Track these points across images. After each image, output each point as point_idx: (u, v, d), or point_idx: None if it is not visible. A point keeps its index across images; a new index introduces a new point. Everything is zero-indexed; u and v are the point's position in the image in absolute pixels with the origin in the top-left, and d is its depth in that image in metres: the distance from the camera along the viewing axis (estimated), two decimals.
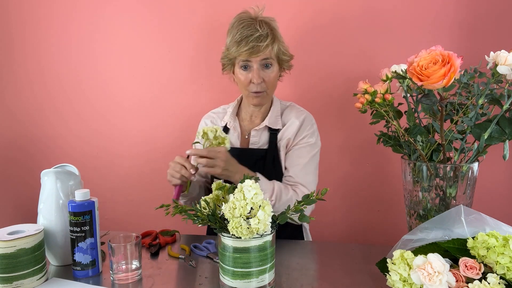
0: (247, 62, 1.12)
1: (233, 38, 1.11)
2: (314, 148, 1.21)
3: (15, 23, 1.57)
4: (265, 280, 0.78)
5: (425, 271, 0.65)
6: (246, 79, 1.14)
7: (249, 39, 1.07)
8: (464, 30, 1.33)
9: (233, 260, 0.76)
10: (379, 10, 1.36)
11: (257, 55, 1.09)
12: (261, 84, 1.13)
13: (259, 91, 1.14)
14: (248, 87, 1.15)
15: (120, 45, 1.53)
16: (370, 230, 1.49)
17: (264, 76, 1.13)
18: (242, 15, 1.14)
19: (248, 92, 1.16)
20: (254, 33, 1.08)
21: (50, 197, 0.93)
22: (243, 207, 0.72)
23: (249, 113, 1.26)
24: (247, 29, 1.09)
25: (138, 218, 1.60)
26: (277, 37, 1.13)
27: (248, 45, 1.07)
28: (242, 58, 1.12)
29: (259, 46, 1.07)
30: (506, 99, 0.82)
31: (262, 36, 1.08)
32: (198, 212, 0.82)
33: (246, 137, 1.25)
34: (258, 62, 1.11)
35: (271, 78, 1.15)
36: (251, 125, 1.26)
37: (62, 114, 1.60)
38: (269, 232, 0.77)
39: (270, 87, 1.17)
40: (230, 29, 1.14)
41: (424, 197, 0.91)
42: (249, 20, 1.11)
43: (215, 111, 1.33)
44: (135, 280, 0.87)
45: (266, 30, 1.09)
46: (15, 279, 0.81)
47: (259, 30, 1.08)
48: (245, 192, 0.73)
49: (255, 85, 1.13)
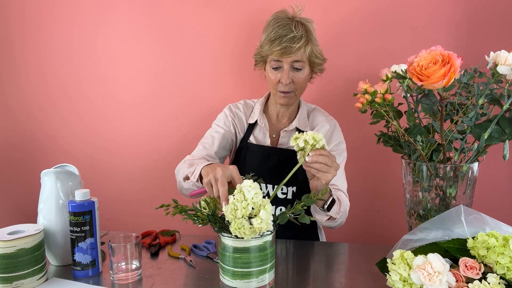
0: (278, 62, 1.11)
1: (268, 36, 1.10)
2: (344, 154, 1.24)
3: (16, 23, 1.57)
4: (265, 280, 0.78)
5: (425, 271, 0.65)
6: (275, 78, 1.13)
7: (282, 39, 1.07)
8: (464, 30, 1.33)
9: (233, 260, 0.76)
10: (379, 10, 1.36)
11: (288, 55, 1.08)
12: (290, 85, 1.12)
13: (287, 91, 1.13)
14: (277, 86, 1.14)
15: (120, 45, 1.53)
16: (370, 230, 1.49)
17: (294, 77, 1.12)
18: (280, 14, 1.13)
19: (276, 91, 1.15)
20: (289, 33, 1.07)
21: (50, 197, 0.93)
22: (244, 208, 0.72)
23: (275, 112, 1.25)
24: (282, 29, 1.08)
25: (138, 218, 1.60)
26: (312, 39, 1.12)
27: (281, 45, 1.07)
28: (273, 57, 1.11)
29: (292, 48, 1.07)
30: (506, 99, 0.82)
31: (296, 37, 1.07)
32: (198, 212, 0.82)
33: (274, 136, 1.25)
34: (289, 63, 1.10)
35: (300, 80, 1.14)
36: (278, 124, 1.26)
37: (62, 114, 1.60)
38: (270, 232, 0.77)
39: (299, 89, 1.16)
40: (266, 26, 1.13)
41: (424, 197, 0.91)
42: (286, 20, 1.10)
43: (242, 102, 1.30)
44: (135, 280, 0.87)
45: (301, 32, 1.08)
46: (15, 279, 0.81)
47: (294, 31, 1.07)
48: (245, 192, 0.73)
49: (284, 85, 1.12)
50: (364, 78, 0.93)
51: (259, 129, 1.25)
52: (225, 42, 1.46)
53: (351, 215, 1.47)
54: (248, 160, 1.23)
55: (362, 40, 1.39)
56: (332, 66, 1.41)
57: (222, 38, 1.46)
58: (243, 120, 1.27)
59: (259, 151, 1.22)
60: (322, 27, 1.40)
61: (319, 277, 0.89)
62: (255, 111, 1.26)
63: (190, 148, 1.52)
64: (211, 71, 1.49)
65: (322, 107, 1.35)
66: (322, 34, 1.40)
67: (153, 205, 1.45)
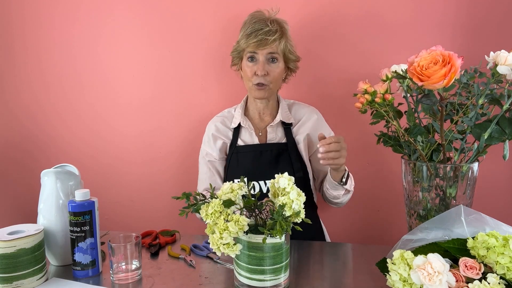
0: (254, 54, 1.16)
1: (244, 32, 1.16)
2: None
3: (16, 23, 1.57)
4: (280, 279, 0.78)
5: (425, 271, 0.65)
6: (251, 70, 1.17)
7: (258, 32, 1.13)
8: (464, 30, 1.33)
9: (247, 257, 0.77)
10: (379, 10, 1.36)
11: (264, 47, 1.14)
12: (265, 77, 1.16)
13: (262, 83, 1.16)
14: (252, 79, 1.18)
15: (121, 46, 1.53)
16: (370, 230, 1.48)
17: (269, 70, 1.16)
18: (256, 13, 1.19)
19: (252, 84, 1.18)
20: (264, 27, 1.13)
21: (50, 197, 0.93)
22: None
23: (257, 111, 1.29)
24: (258, 24, 1.15)
25: (138, 218, 1.59)
26: (286, 34, 1.18)
27: (257, 37, 1.12)
28: (249, 50, 1.16)
29: (267, 40, 1.12)
30: (506, 99, 0.82)
31: (272, 31, 1.13)
32: None
33: (260, 134, 1.27)
34: (264, 55, 1.15)
35: (275, 73, 1.18)
36: (261, 123, 1.29)
37: (62, 114, 1.60)
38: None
39: (274, 82, 1.19)
40: (243, 25, 1.19)
41: (424, 197, 0.91)
42: (262, 18, 1.17)
43: (220, 115, 1.35)
44: (135, 280, 0.87)
45: (276, 27, 1.15)
46: (15, 279, 0.81)
47: (269, 26, 1.14)
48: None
49: (259, 77, 1.16)
50: (364, 79, 0.93)
51: (244, 131, 1.28)
52: (225, 43, 1.46)
53: (351, 215, 1.47)
54: (241, 162, 1.24)
55: (362, 41, 1.39)
56: (331, 66, 1.42)
57: (222, 39, 1.46)
58: (227, 129, 1.30)
59: (250, 151, 1.23)
60: (322, 28, 1.40)
61: (319, 277, 0.89)
62: (236, 115, 1.30)
63: (190, 148, 1.52)
64: (210, 72, 1.49)
65: (322, 107, 1.35)
66: (321, 35, 1.40)
67: (153, 206, 1.46)
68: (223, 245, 0.73)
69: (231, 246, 0.74)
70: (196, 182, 1.35)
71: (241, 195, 0.80)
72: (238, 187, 0.79)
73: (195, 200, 0.81)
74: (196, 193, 0.81)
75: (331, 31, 1.40)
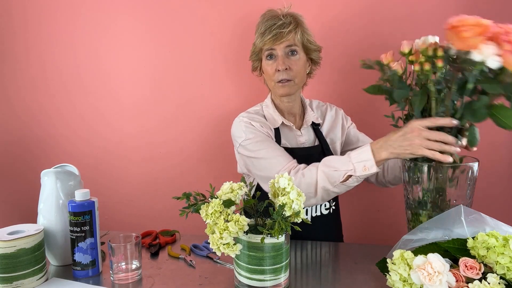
0: (272, 51, 1.11)
1: (259, 31, 1.12)
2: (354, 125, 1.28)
3: (18, 23, 1.57)
4: (280, 279, 0.79)
5: (425, 271, 0.65)
6: (272, 68, 1.11)
7: (272, 28, 1.08)
8: None
9: (247, 257, 0.77)
10: (381, 7, 1.36)
11: (280, 41, 1.08)
12: (287, 71, 1.10)
13: (285, 78, 1.10)
14: (274, 77, 1.11)
15: (123, 45, 1.52)
16: (370, 230, 1.48)
17: (290, 64, 1.10)
18: (267, 12, 1.15)
19: (275, 82, 1.12)
20: (278, 22, 1.08)
21: (50, 197, 0.93)
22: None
23: (286, 111, 1.21)
24: (271, 21, 1.10)
25: (138, 218, 1.59)
26: (301, 25, 1.12)
27: (272, 32, 1.07)
28: (266, 47, 1.11)
29: (282, 33, 1.07)
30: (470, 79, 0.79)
31: (285, 23, 1.08)
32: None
33: (300, 134, 1.20)
34: (283, 50, 1.10)
35: (298, 67, 1.11)
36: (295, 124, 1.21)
37: (63, 114, 1.60)
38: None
39: (298, 76, 1.12)
40: (256, 27, 1.15)
41: (424, 197, 0.91)
42: (274, 15, 1.12)
43: (246, 115, 1.18)
44: (135, 280, 0.87)
45: (289, 19, 1.09)
46: (15, 279, 0.81)
47: (283, 19, 1.09)
48: None
49: (281, 73, 1.10)
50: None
51: (288, 130, 1.19)
52: (225, 42, 1.46)
53: (351, 215, 1.47)
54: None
55: (365, 40, 1.38)
56: (331, 67, 1.41)
57: (222, 38, 1.46)
58: (267, 128, 1.15)
59: (306, 154, 1.14)
60: (323, 28, 1.39)
61: (319, 277, 0.89)
62: (273, 115, 1.18)
63: (190, 148, 1.51)
64: (211, 72, 1.49)
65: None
66: (322, 35, 1.40)
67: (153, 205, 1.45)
68: (223, 245, 0.73)
69: (231, 246, 0.74)
70: (196, 182, 1.35)
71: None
72: (238, 187, 0.79)
73: (195, 200, 0.81)
74: (196, 193, 0.81)
75: (331, 31, 1.39)
